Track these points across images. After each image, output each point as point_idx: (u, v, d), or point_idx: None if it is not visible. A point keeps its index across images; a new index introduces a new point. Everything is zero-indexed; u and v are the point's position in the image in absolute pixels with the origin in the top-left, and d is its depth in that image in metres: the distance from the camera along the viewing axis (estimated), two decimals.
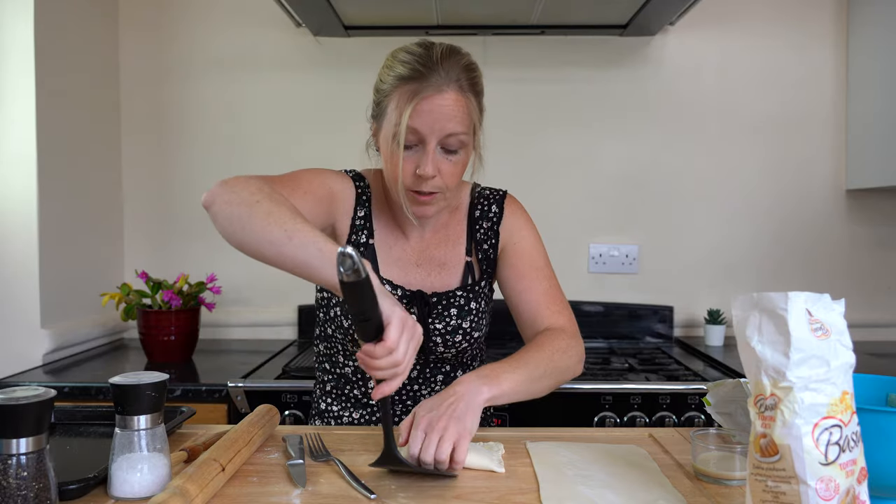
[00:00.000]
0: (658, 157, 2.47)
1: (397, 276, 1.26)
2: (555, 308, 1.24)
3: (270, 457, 1.04)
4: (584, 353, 1.23)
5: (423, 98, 1.10)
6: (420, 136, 1.12)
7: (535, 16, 2.17)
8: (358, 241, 1.25)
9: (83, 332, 2.17)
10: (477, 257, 1.29)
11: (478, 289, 1.27)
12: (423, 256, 1.28)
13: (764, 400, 0.73)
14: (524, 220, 1.32)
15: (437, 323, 1.24)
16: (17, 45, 1.95)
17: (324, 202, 1.21)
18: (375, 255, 1.26)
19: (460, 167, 1.18)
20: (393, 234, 1.28)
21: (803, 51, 2.45)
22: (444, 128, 1.11)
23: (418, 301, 1.23)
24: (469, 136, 1.15)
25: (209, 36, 2.46)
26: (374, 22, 2.28)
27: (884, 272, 2.47)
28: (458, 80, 1.13)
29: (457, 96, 1.12)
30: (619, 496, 0.88)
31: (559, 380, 1.17)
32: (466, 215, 1.31)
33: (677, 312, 2.45)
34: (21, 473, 0.75)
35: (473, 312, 1.25)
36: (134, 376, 0.89)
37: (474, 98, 1.17)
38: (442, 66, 1.12)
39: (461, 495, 0.90)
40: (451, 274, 1.27)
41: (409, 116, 1.10)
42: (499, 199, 1.33)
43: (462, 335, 1.25)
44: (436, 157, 1.13)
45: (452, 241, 1.29)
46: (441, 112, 1.11)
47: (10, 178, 1.97)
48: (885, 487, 0.82)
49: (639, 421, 1.81)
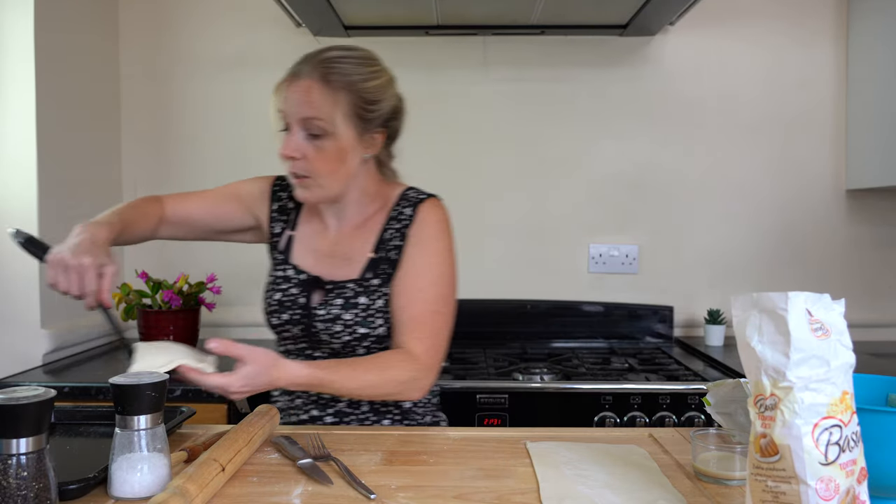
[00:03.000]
0: (658, 157, 2.47)
1: (309, 263, 1.34)
2: (419, 334, 1.25)
3: (270, 457, 1.04)
4: (428, 386, 1.25)
5: (287, 84, 1.25)
6: (286, 120, 1.25)
7: (535, 16, 2.17)
8: (273, 231, 1.38)
9: (83, 332, 2.17)
10: (380, 256, 1.31)
11: (371, 286, 1.28)
12: (336, 248, 1.34)
13: (764, 400, 0.73)
14: (433, 233, 1.31)
15: (319, 310, 1.28)
16: (17, 45, 1.95)
17: (231, 200, 1.39)
18: (291, 244, 1.36)
19: (327, 154, 1.24)
20: (315, 226, 1.37)
21: (803, 51, 2.45)
22: (299, 111, 1.22)
23: (310, 285, 1.30)
24: (330, 125, 1.22)
25: (209, 36, 2.46)
26: (374, 22, 2.28)
27: (884, 272, 2.47)
28: (318, 70, 1.23)
29: (313, 84, 1.22)
30: (619, 496, 0.88)
31: (380, 396, 1.24)
32: (387, 215, 1.34)
33: (677, 312, 2.45)
34: (21, 473, 0.75)
35: (360, 307, 1.27)
36: (134, 376, 0.89)
37: (344, 90, 1.23)
38: (309, 60, 1.25)
39: (461, 495, 0.90)
40: (354, 267, 1.31)
41: (279, 100, 1.25)
42: (416, 202, 1.34)
43: (343, 326, 1.27)
44: (299, 141, 1.24)
45: (365, 237, 1.33)
46: (297, 97, 1.23)
47: (10, 179, 1.97)
48: (885, 487, 0.82)
49: (639, 421, 1.81)
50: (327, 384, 1.13)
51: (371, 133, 1.27)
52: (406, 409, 1.34)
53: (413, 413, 1.35)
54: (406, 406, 1.34)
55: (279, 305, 1.31)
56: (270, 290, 1.34)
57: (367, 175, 1.33)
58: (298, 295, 1.30)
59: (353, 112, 1.24)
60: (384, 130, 1.30)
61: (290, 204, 1.39)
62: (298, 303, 1.29)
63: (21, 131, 1.96)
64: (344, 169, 1.26)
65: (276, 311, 1.31)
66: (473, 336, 2.41)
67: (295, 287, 1.31)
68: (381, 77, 1.27)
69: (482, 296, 2.45)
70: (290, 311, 1.30)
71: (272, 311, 1.32)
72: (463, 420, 1.81)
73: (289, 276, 1.32)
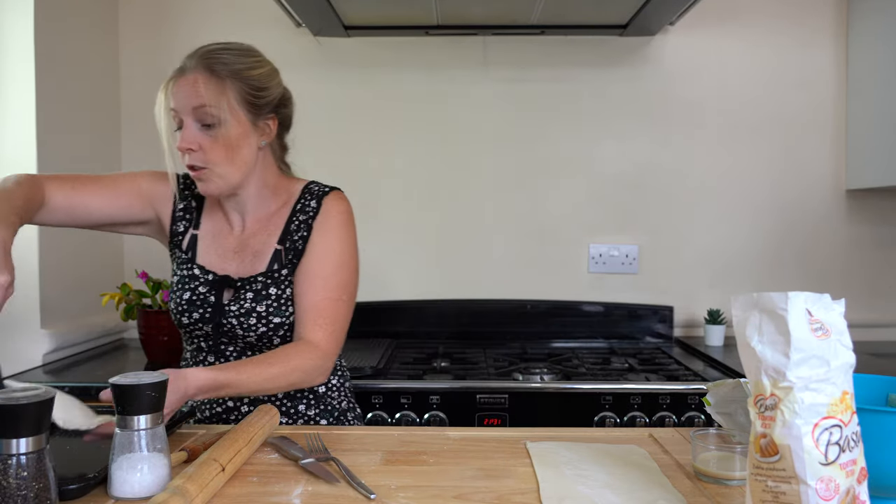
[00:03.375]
0: (658, 157, 2.47)
1: (215, 263, 1.34)
2: (320, 322, 1.27)
3: (270, 457, 1.04)
4: (329, 370, 1.28)
5: (175, 82, 1.26)
6: (179, 117, 1.26)
7: (535, 16, 2.17)
8: (176, 230, 1.38)
9: (83, 332, 2.17)
10: (285, 246, 1.33)
11: (279, 276, 1.31)
12: (242, 245, 1.35)
13: (764, 400, 0.73)
14: (336, 223, 1.34)
15: (232, 305, 1.29)
16: (17, 45, 1.95)
17: (131, 194, 1.37)
18: (196, 244, 1.37)
19: (222, 143, 1.25)
20: (220, 225, 1.38)
21: (803, 51, 2.45)
22: (190, 102, 1.24)
23: (220, 285, 1.31)
24: (222, 112, 1.24)
25: (209, 36, 2.42)
26: (374, 22, 2.28)
27: (884, 272, 2.47)
28: (202, 63, 1.25)
29: (199, 76, 1.25)
30: (619, 496, 0.88)
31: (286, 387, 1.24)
32: (292, 208, 1.36)
33: (677, 312, 2.45)
34: (21, 473, 0.75)
35: (272, 298, 1.29)
36: (134, 376, 0.89)
37: (230, 78, 1.26)
38: (192, 56, 1.28)
39: (461, 495, 0.90)
40: (262, 261, 1.33)
41: (169, 98, 1.26)
42: (321, 195, 1.36)
43: (257, 318, 1.29)
44: (193, 133, 1.25)
45: (271, 231, 1.35)
46: (186, 89, 1.24)
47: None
48: (885, 487, 0.82)
49: (639, 421, 1.81)
50: (234, 383, 1.13)
51: (264, 119, 1.31)
52: (321, 393, 1.37)
53: (328, 398, 1.38)
54: (320, 391, 1.37)
55: (189, 304, 1.31)
56: (178, 289, 1.34)
57: (265, 167, 1.35)
58: (207, 293, 1.31)
59: (243, 98, 1.27)
60: (275, 117, 1.33)
61: (192, 202, 1.40)
62: (209, 301, 1.30)
63: (21, 131, 1.96)
64: (241, 157, 1.28)
65: (186, 310, 1.32)
66: (473, 336, 2.41)
67: (203, 286, 1.32)
68: (264, 66, 1.31)
69: (482, 296, 2.45)
70: (200, 309, 1.31)
71: (182, 311, 1.32)
72: (463, 420, 1.81)
73: (196, 275, 1.33)
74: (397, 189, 2.48)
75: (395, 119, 2.48)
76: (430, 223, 2.49)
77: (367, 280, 2.55)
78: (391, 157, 2.48)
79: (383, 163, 2.47)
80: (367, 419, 1.83)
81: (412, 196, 2.48)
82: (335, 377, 1.41)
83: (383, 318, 2.43)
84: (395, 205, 2.48)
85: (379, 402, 1.83)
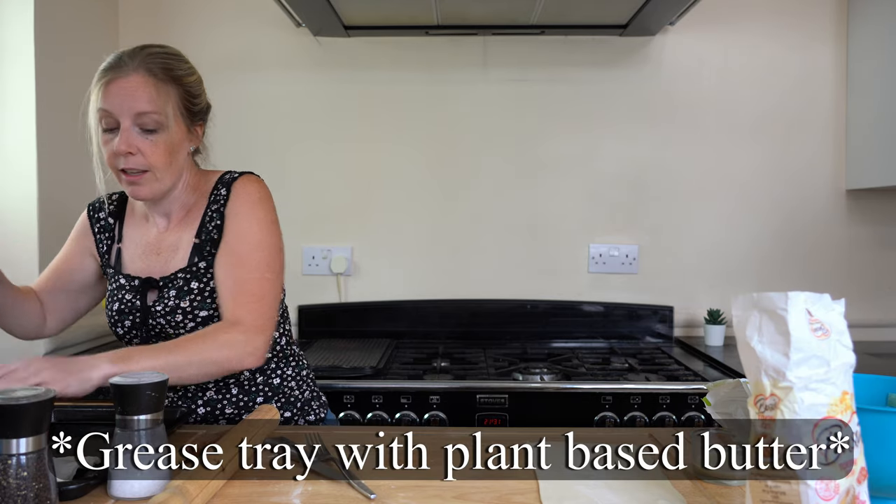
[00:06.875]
0: (658, 157, 2.47)
1: (139, 268, 1.34)
2: (241, 300, 1.25)
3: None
4: (261, 347, 1.23)
5: (111, 82, 1.23)
6: (114, 118, 1.23)
7: (535, 16, 2.17)
8: (102, 251, 1.39)
9: (83, 332, 2.16)
10: (202, 238, 1.32)
11: (198, 270, 1.30)
12: (163, 244, 1.35)
13: (764, 400, 0.73)
14: (248, 203, 1.32)
15: (157, 306, 1.29)
16: (17, 45, 1.95)
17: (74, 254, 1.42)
18: (121, 257, 1.37)
19: (162, 146, 1.25)
20: (141, 230, 1.38)
21: (803, 51, 2.44)
22: (132, 107, 1.22)
23: (144, 287, 1.31)
24: (165, 117, 1.24)
25: (209, 36, 2.46)
26: (374, 22, 2.28)
27: (884, 272, 2.47)
28: (144, 65, 1.24)
29: (144, 79, 1.23)
30: (619, 496, 0.88)
31: (214, 371, 1.21)
32: (207, 200, 1.36)
33: (677, 312, 2.45)
34: (21, 473, 0.75)
35: (195, 292, 1.28)
36: (134, 376, 0.89)
37: (172, 84, 1.26)
38: (131, 57, 1.24)
39: (461, 495, 0.90)
40: (181, 257, 1.32)
41: (100, 99, 1.23)
42: (230, 181, 1.35)
43: (183, 314, 1.28)
44: (132, 136, 1.23)
45: (188, 225, 1.34)
46: (127, 93, 1.22)
47: (10, 178, 1.96)
48: (885, 487, 0.82)
49: (639, 421, 1.81)
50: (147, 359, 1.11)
51: (195, 125, 1.33)
52: (276, 385, 1.36)
53: (285, 388, 1.37)
54: (275, 382, 1.36)
55: (119, 314, 1.32)
56: (109, 302, 1.35)
57: (189, 167, 1.36)
58: (133, 298, 1.31)
59: (182, 105, 1.28)
60: (202, 124, 1.35)
61: (109, 220, 1.40)
62: (136, 306, 1.30)
63: (21, 131, 1.96)
64: (177, 162, 1.29)
65: (117, 320, 1.32)
66: (473, 336, 2.41)
67: (129, 292, 1.32)
68: (195, 73, 1.34)
69: (482, 296, 2.45)
70: (130, 316, 1.31)
71: (115, 322, 1.33)
72: (463, 420, 1.81)
73: (122, 284, 1.34)
74: (397, 189, 2.48)
75: (395, 119, 2.47)
76: (430, 223, 2.49)
77: (367, 280, 2.57)
78: (391, 156, 2.47)
79: (383, 163, 2.47)
80: (367, 419, 1.83)
81: (412, 196, 2.48)
82: (290, 368, 1.40)
83: (383, 318, 2.43)
84: (395, 204, 2.48)
85: (379, 403, 1.83)
